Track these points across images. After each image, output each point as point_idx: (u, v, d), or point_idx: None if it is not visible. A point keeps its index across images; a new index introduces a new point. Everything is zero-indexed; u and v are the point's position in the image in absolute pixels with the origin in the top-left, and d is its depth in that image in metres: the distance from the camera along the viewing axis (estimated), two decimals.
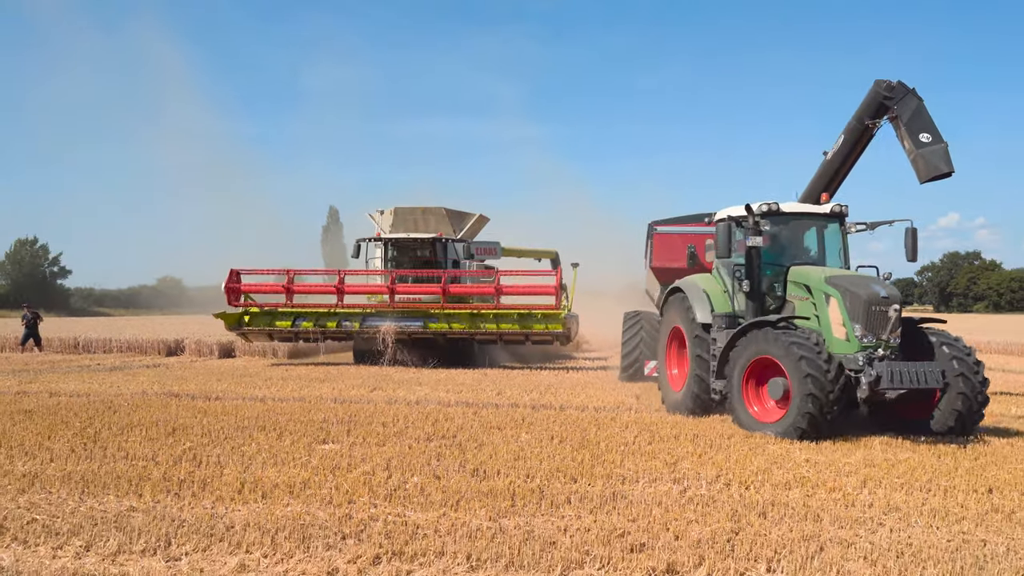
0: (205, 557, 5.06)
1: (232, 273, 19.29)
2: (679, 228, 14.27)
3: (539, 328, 18.13)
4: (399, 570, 4.84)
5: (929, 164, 12.48)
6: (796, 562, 4.99)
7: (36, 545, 5.25)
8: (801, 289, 10.59)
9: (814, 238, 11.65)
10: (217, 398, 12.80)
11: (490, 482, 6.97)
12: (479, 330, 18.46)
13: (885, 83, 12.95)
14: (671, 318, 12.17)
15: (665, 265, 14.15)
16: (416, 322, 18.72)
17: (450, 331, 18.68)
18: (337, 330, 19.29)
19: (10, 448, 8.33)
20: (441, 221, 21.43)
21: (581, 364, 21.26)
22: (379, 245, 20.97)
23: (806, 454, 8.42)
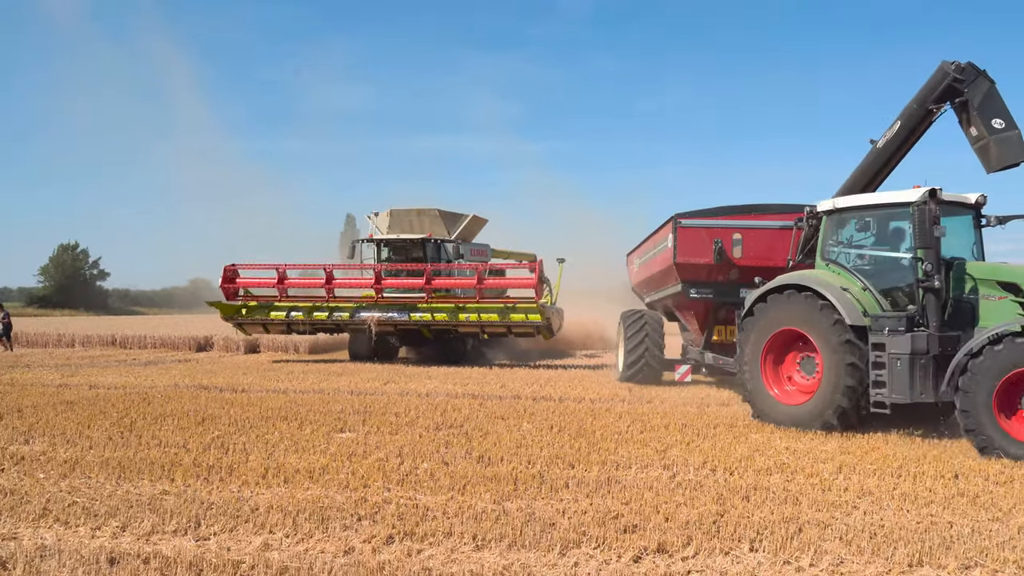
0: (232, 537, 5.05)
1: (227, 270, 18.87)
2: (707, 221, 12.46)
3: (518, 319, 17.41)
4: (410, 549, 4.83)
5: (1003, 152, 10.65)
6: (777, 542, 4.97)
7: (76, 526, 5.25)
8: (993, 288, 8.78)
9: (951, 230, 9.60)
10: (243, 390, 12.80)
11: (494, 468, 6.96)
12: (461, 321, 17.78)
13: (954, 64, 10.90)
14: (775, 320, 9.80)
15: (690, 260, 12.44)
16: (402, 314, 18.16)
17: (433, 322, 18.01)
18: (327, 321, 18.77)
19: (53, 436, 8.33)
20: (435, 222, 20.86)
21: (579, 362, 21.22)
22: (372, 246, 20.45)
23: (786, 442, 8.40)
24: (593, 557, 4.74)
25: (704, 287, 12.75)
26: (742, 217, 12.35)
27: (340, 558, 4.67)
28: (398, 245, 20.32)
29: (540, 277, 17.42)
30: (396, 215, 21.04)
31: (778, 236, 11.96)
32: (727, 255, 12.31)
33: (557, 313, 18.72)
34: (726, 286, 12.59)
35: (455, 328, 18.18)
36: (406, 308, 18.10)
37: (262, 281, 19.23)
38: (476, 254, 21.67)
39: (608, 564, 4.63)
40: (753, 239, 12.30)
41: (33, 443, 8.01)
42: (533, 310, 17.21)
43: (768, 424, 9.57)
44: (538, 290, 17.32)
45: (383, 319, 18.11)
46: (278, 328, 19.46)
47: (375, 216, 21.59)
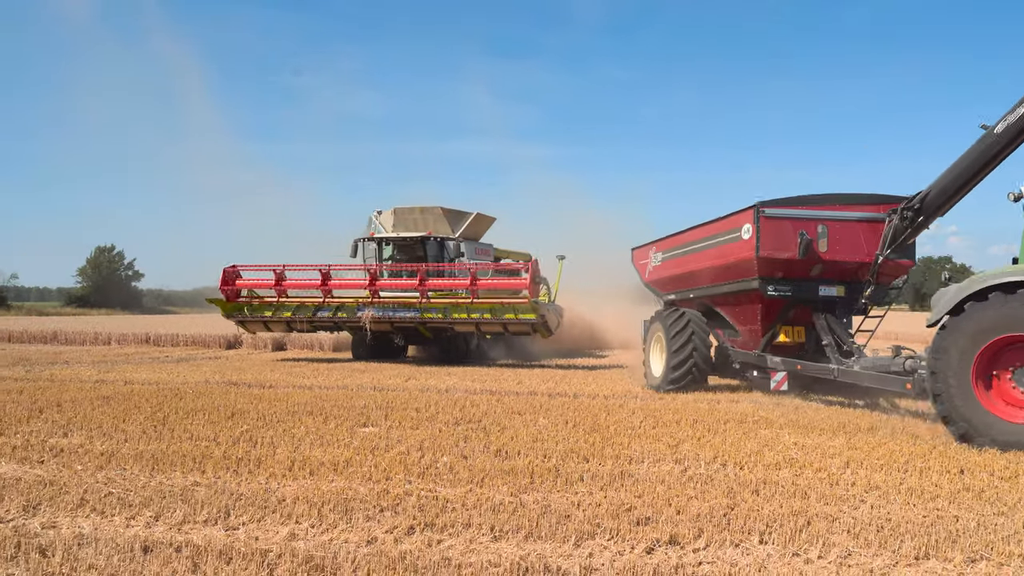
0: (260, 527, 5.08)
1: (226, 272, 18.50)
2: (794, 211, 10.98)
3: (511, 317, 16.85)
4: (431, 539, 4.83)
5: None
6: (786, 534, 4.93)
7: (112, 515, 5.29)
8: None
9: None
10: (270, 386, 12.86)
11: (511, 462, 6.95)
12: (456, 320, 17.27)
13: None
14: (996, 323, 7.68)
15: (773, 254, 10.94)
16: (400, 312, 17.66)
17: (429, 320, 17.50)
18: (325, 320, 18.39)
19: (90, 430, 8.40)
20: (438, 220, 20.26)
21: (591, 362, 21.16)
22: (373, 244, 19.94)
23: (795, 438, 8.33)
24: (607, 548, 4.72)
25: (783, 284, 11.34)
26: (828, 207, 11.07)
27: (363, 548, 4.67)
28: (399, 243, 19.90)
29: (534, 276, 16.86)
30: (400, 213, 20.58)
31: (862, 229, 10.96)
32: (813, 249, 10.97)
33: (554, 311, 18.06)
34: (805, 283, 11.32)
35: (451, 327, 17.75)
36: (402, 307, 17.67)
37: (261, 282, 18.79)
38: (479, 253, 21.11)
39: (622, 555, 4.61)
40: (838, 232, 11.02)
41: (71, 436, 8.09)
42: (526, 308, 16.66)
43: (778, 420, 9.48)
44: (531, 288, 16.71)
45: (378, 318, 17.69)
46: (279, 327, 19.10)
47: (378, 214, 21.12)
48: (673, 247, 13.91)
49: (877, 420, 9.53)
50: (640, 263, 15.65)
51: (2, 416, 9.24)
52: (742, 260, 11.41)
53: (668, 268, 14.13)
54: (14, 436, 8.01)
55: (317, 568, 4.32)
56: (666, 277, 14.30)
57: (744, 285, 11.75)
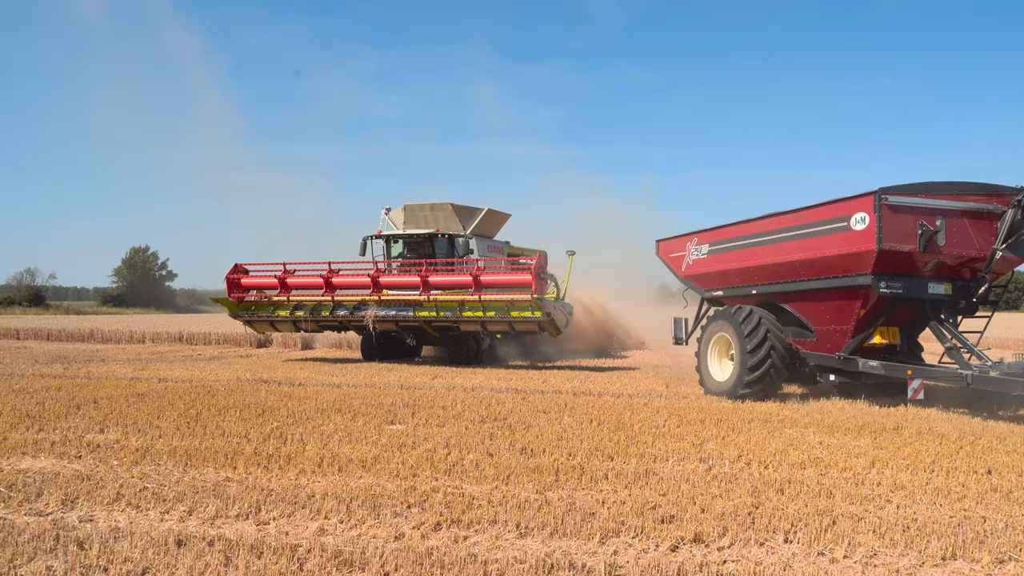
0: (290, 522, 5.12)
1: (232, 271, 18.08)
2: (919, 200, 9.78)
3: (516, 315, 15.99)
4: (457, 536, 4.84)
5: None
6: (811, 534, 4.88)
7: (147, 509, 5.36)
8: None
9: None
10: (300, 384, 12.96)
11: (536, 459, 6.95)
12: (460, 318, 16.45)
13: None
14: None
15: (896, 247, 9.72)
16: (404, 311, 16.90)
17: (433, 319, 16.74)
18: (330, 318, 17.65)
19: (125, 426, 8.52)
20: (449, 217, 19.57)
21: (613, 363, 21.06)
22: (381, 241, 19.39)
23: (819, 437, 8.24)
24: (632, 546, 4.71)
25: (895, 280, 10.13)
26: (945, 197, 9.98)
27: (391, 543, 4.70)
28: (407, 240, 19.35)
29: (539, 272, 15.91)
30: (410, 210, 19.98)
31: (973, 222, 10.05)
32: (933, 242, 9.82)
33: (562, 309, 17.10)
34: (915, 280, 10.23)
35: (456, 326, 17.01)
36: (406, 305, 17.02)
37: (266, 281, 18.21)
38: (491, 251, 20.42)
39: (646, 553, 4.59)
40: (951, 224, 9.96)
41: (107, 432, 8.20)
42: (531, 306, 15.83)
43: (802, 420, 9.39)
44: (536, 285, 15.75)
45: (382, 317, 17.08)
46: (286, 326, 18.46)
47: (388, 211, 20.45)
48: (727, 239, 12.63)
49: (902, 420, 9.40)
50: (671, 256, 14.24)
51: (42, 412, 9.40)
52: (851, 253, 10.12)
53: (718, 262, 12.84)
54: (53, 432, 8.14)
55: (346, 563, 4.35)
56: (714, 272, 12.99)
57: (844, 281, 10.52)
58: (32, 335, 27.26)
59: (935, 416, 9.76)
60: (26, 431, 8.18)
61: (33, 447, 7.33)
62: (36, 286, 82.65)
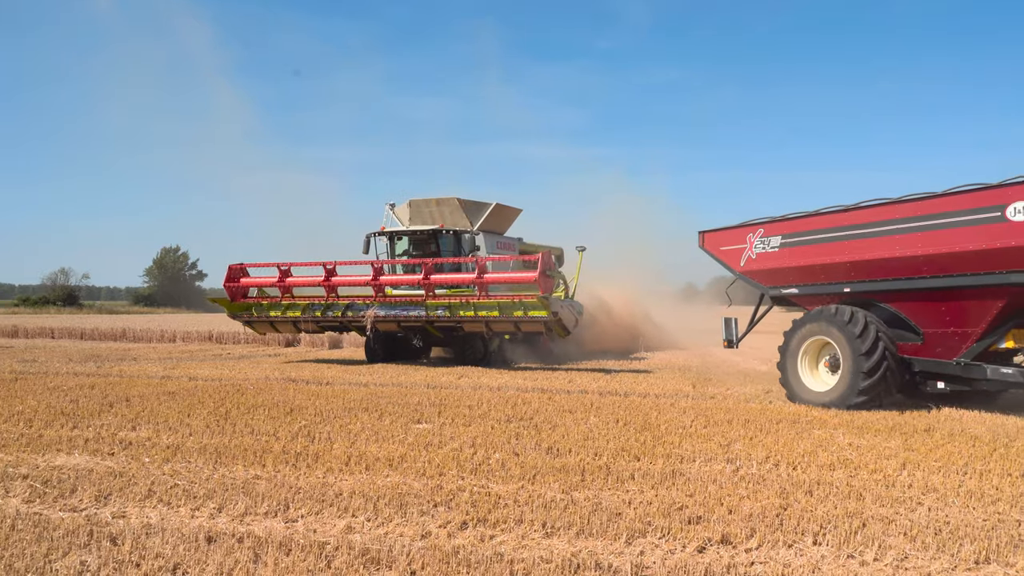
0: (318, 519, 5.15)
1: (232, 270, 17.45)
2: None
3: (520, 315, 15.16)
4: (483, 535, 4.85)
5: None
6: (840, 536, 4.82)
7: (178, 506, 5.43)
8: None
9: None
10: (328, 383, 13.05)
11: (562, 459, 6.94)
12: (463, 318, 15.73)
13: None
14: None
15: None
16: (405, 310, 16.23)
17: (436, 318, 15.96)
18: (330, 318, 16.99)
19: (156, 424, 8.64)
20: (455, 212, 18.71)
21: (633, 366, 20.93)
22: (384, 239, 18.50)
23: (849, 438, 8.15)
24: (658, 546, 4.68)
25: None
26: None
27: (418, 542, 4.72)
28: (411, 237, 18.50)
29: (544, 271, 14.99)
30: (416, 205, 19.20)
31: None
32: None
33: (571, 308, 16.15)
34: None
35: (459, 326, 16.21)
36: (408, 305, 16.29)
37: (266, 280, 17.61)
38: (501, 247, 19.54)
39: (673, 554, 4.57)
40: None
41: (139, 430, 8.32)
42: (537, 305, 14.93)
43: (831, 421, 9.29)
44: (542, 284, 14.94)
45: (383, 317, 16.32)
46: (285, 326, 17.82)
47: (393, 207, 19.61)
48: (808, 231, 11.34)
49: (934, 421, 9.26)
50: (723, 249, 12.84)
51: (76, 410, 9.56)
52: (1005, 248, 8.99)
53: (794, 256, 11.52)
54: (87, 429, 8.28)
55: (373, 561, 4.38)
56: (789, 267, 11.66)
57: (984, 279, 9.39)
58: (66, 334, 27.72)
59: (968, 417, 9.60)
60: (60, 428, 8.32)
61: (67, 444, 7.46)
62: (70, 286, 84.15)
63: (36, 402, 10.21)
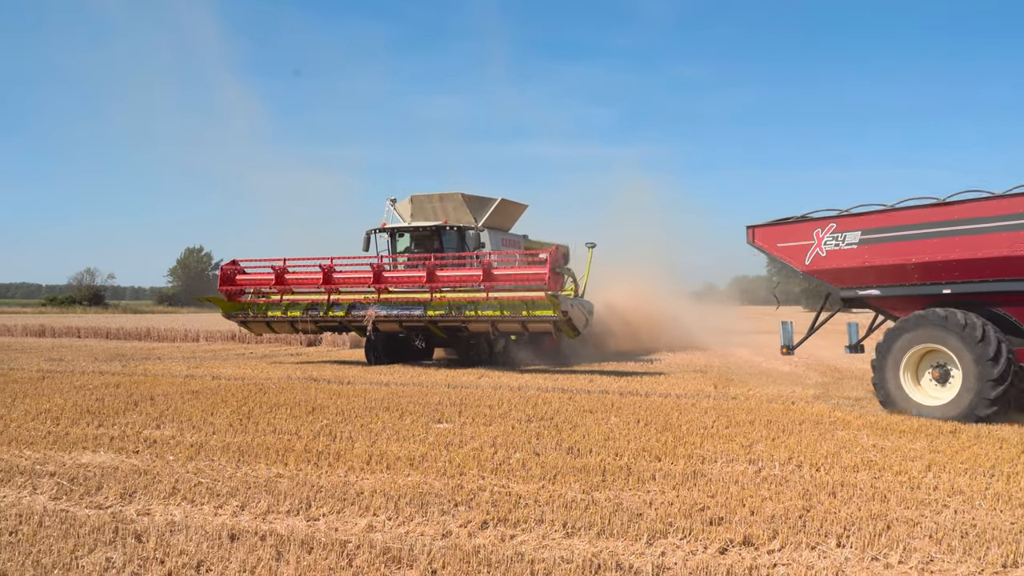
0: (339, 518, 5.18)
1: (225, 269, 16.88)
2: None
3: (528, 314, 14.53)
4: (504, 534, 4.85)
5: None
6: (864, 538, 4.78)
7: (201, 504, 5.48)
8: None
9: None
10: (349, 383, 13.11)
11: (583, 459, 6.93)
12: (468, 317, 15.09)
13: None
14: None
15: None
16: (407, 310, 15.51)
17: (439, 318, 15.30)
18: (329, 318, 16.32)
19: (180, 422, 8.72)
20: (459, 208, 18.01)
21: (660, 365, 20.82)
22: (385, 236, 17.83)
23: (873, 440, 8.06)
24: (680, 547, 4.66)
25: None
26: None
27: (438, 541, 4.73)
28: (414, 234, 17.77)
29: (554, 267, 14.35)
30: (418, 201, 18.55)
31: None
32: None
33: (581, 307, 15.59)
34: None
35: (464, 326, 15.60)
36: (410, 304, 15.58)
37: (261, 279, 17.02)
38: (507, 244, 18.76)
39: (694, 555, 4.54)
40: None
41: (163, 428, 8.41)
42: (545, 304, 14.30)
43: (855, 422, 9.20)
44: (551, 282, 14.27)
45: (384, 316, 15.62)
46: (282, 326, 17.09)
47: (394, 203, 18.92)
48: (897, 226, 10.30)
49: (959, 423, 9.13)
50: (782, 246, 11.66)
51: (101, 408, 9.68)
52: None
53: (877, 254, 10.47)
54: (112, 427, 8.38)
55: (394, 560, 4.39)
56: (870, 266, 10.58)
57: None
58: (92, 333, 28.08)
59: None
60: (87, 426, 8.43)
61: (93, 442, 7.55)
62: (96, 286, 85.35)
63: (63, 400, 10.35)
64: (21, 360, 17.28)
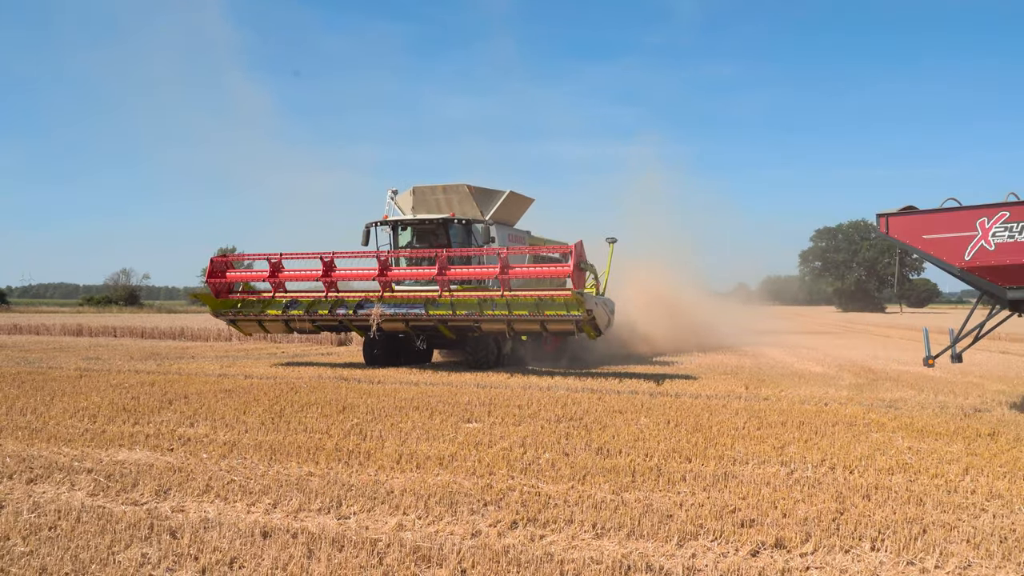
0: (369, 517, 5.22)
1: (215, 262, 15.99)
2: None
3: (554, 313, 13.72)
4: (533, 534, 4.85)
5: None
6: (900, 542, 4.70)
7: (234, 501, 5.55)
8: None
9: None
10: (379, 382, 13.19)
11: (613, 460, 6.90)
12: (484, 316, 14.20)
13: None
14: None
15: None
16: (415, 308, 14.57)
17: (452, 317, 14.36)
18: (328, 317, 15.37)
19: (214, 421, 8.84)
20: (464, 200, 16.91)
21: (690, 365, 20.68)
22: (387, 229, 16.75)
23: (908, 442, 7.94)
24: (710, 549, 4.63)
25: None
26: None
27: (468, 540, 4.74)
28: (418, 228, 16.67)
29: (579, 263, 13.58)
30: (420, 193, 17.42)
31: None
32: None
33: (603, 305, 14.74)
34: None
35: (477, 326, 14.67)
36: (418, 302, 14.67)
37: (254, 274, 16.32)
38: (514, 240, 17.76)
39: (725, 557, 4.51)
40: None
41: (197, 426, 8.53)
42: (570, 302, 13.58)
43: (890, 424, 9.06)
44: (576, 278, 13.56)
45: (391, 315, 14.70)
46: (276, 326, 16.09)
47: (395, 194, 17.78)
48: None
49: (999, 425, 8.96)
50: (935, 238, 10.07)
51: (137, 406, 9.84)
52: None
53: None
54: (147, 425, 8.51)
55: (424, 559, 4.41)
56: None
57: None
58: (127, 333, 28.55)
59: None
60: (123, 424, 8.58)
61: (129, 440, 7.68)
62: (131, 286, 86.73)
63: (100, 398, 10.54)
64: (59, 359, 17.62)
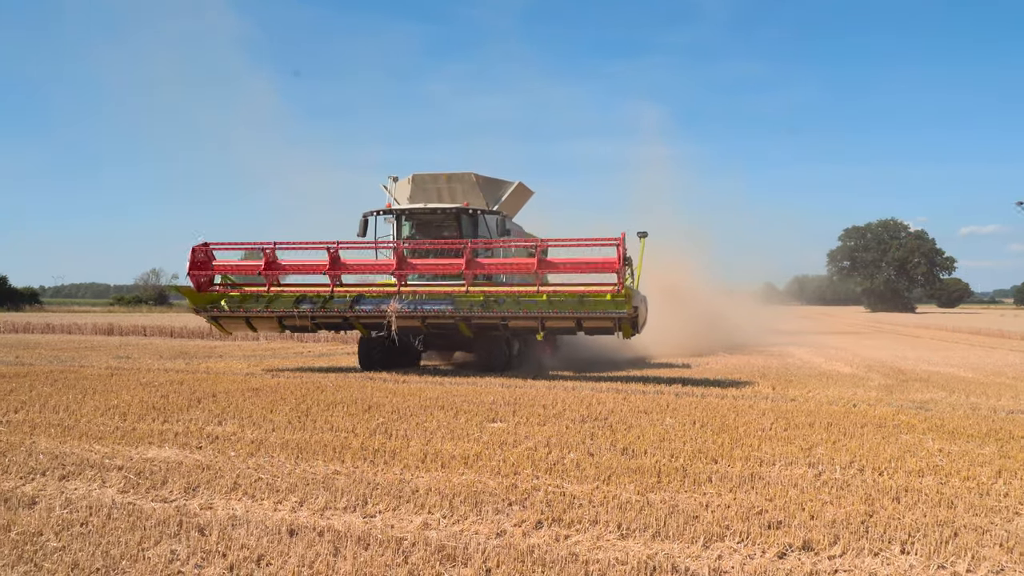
0: (395, 515, 5.24)
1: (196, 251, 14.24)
2: None
3: (598, 309, 12.85)
4: (558, 534, 4.84)
5: None
6: (930, 545, 4.63)
7: (261, 499, 5.60)
8: None
9: None
10: (403, 381, 13.23)
11: (638, 460, 6.87)
12: (515, 314, 13.15)
13: None
14: None
15: None
16: (439, 304, 13.46)
17: (478, 315, 13.26)
18: (332, 315, 14.00)
19: (241, 419, 8.92)
20: (470, 191, 15.65)
21: (717, 365, 20.51)
22: (390, 219, 15.38)
23: (939, 444, 7.82)
24: (737, 551, 4.59)
25: None
26: None
27: (492, 540, 4.74)
28: (424, 218, 15.34)
29: (623, 257, 12.60)
30: (420, 181, 16.08)
31: None
32: None
33: (644, 302, 13.85)
34: None
35: (505, 323, 13.51)
36: (440, 298, 13.64)
37: (244, 266, 15.10)
38: (517, 233, 16.73)
39: (752, 559, 4.47)
40: None
41: (225, 425, 8.62)
42: (620, 299, 12.67)
43: (920, 425, 8.93)
44: (621, 273, 12.63)
45: (408, 312, 13.46)
46: (268, 324, 14.65)
47: (394, 182, 16.60)
48: None
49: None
50: None
51: (166, 405, 9.96)
52: None
53: None
54: (176, 423, 8.62)
55: (449, 558, 4.42)
56: None
57: None
58: (157, 332, 28.92)
59: None
60: (152, 422, 8.69)
61: (158, 437, 7.78)
62: (160, 286, 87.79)
63: (130, 397, 10.68)
64: (91, 358, 17.89)
